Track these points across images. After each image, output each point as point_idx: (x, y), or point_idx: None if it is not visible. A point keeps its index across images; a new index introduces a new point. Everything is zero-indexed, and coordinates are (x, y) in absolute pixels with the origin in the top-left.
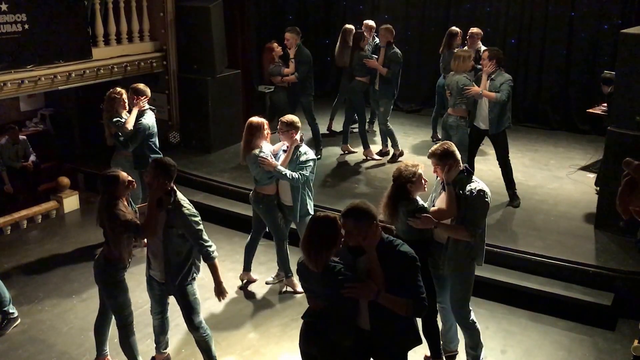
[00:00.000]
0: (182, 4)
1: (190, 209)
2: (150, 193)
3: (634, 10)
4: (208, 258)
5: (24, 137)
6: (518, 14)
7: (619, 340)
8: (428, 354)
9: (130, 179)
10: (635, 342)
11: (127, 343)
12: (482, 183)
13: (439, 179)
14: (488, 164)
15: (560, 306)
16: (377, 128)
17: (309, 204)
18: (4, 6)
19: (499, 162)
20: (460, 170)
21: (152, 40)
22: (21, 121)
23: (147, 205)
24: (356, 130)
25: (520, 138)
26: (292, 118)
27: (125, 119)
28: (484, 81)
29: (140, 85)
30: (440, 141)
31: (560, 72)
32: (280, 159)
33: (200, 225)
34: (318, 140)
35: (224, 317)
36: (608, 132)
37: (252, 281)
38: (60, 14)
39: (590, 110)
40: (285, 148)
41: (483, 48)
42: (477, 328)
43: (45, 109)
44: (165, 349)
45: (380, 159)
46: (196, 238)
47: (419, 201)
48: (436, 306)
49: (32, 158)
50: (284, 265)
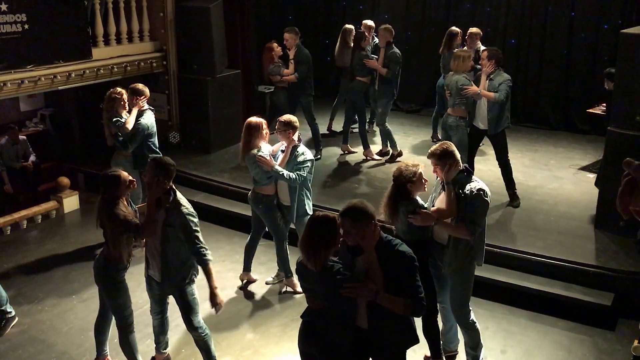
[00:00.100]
0: (182, 4)
1: (188, 208)
2: (150, 192)
3: (634, 10)
4: (201, 260)
5: (24, 137)
6: (518, 14)
7: (619, 340)
8: (428, 353)
9: (131, 178)
10: (635, 342)
11: (127, 343)
12: (482, 182)
13: (438, 179)
14: (488, 164)
15: (560, 306)
16: (377, 128)
17: (308, 204)
18: (4, 6)
19: (498, 162)
20: (460, 170)
21: (152, 41)
22: (21, 121)
23: (146, 204)
24: (356, 130)
25: (520, 138)
26: (290, 118)
27: (125, 119)
28: (483, 81)
29: (139, 85)
30: (440, 141)
31: (560, 72)
32: (279, 159)
33: (197, 226)
34: (318, 140)
35: (223, 317)
36: (608, 132)
37: (252, 281)
38: (60, 14)
39: (590, 110)
40: (283, 148)
41: (482, 48)
42: (477, 328)
43: (45, 109)
44: (165, 349)
45: (380, 159)
46: (191, 237)
47: (419, 201)
48: (436, 306)
49: (32, 158)
50: (283, 266)
